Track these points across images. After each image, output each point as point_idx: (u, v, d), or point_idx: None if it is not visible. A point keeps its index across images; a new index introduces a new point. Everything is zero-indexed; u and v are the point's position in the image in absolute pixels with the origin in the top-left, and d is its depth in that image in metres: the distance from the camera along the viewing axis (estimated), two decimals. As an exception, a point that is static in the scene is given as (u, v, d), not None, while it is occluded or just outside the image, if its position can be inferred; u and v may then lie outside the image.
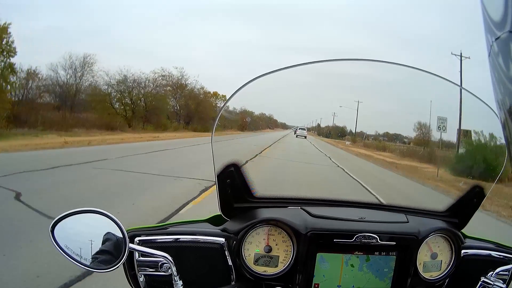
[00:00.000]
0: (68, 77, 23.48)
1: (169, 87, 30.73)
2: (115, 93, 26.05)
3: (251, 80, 0.83)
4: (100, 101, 24.23)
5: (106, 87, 25.57)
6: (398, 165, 8.94)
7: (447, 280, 1.01)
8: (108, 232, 0.75)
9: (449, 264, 1.01)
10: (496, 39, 0.40)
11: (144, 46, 49.50)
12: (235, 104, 1.04)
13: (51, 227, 0.72)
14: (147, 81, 27.80)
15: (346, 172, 8.39)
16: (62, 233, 0.73)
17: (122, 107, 26.24)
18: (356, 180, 7.65)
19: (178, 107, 32.13)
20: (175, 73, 31.38)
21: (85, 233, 0.74)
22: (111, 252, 0.74)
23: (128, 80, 26.14)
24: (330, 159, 9.62)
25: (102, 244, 0.74)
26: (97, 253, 0.74)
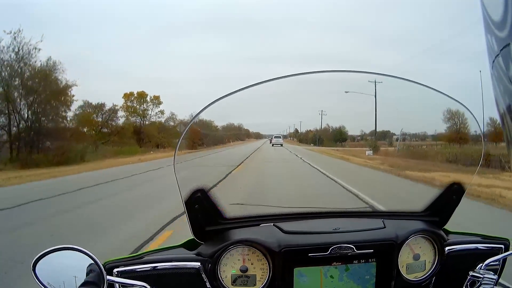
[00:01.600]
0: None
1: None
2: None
3: (216, 100, 0.86)
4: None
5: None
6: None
7: (433, 279, 1.03)
8: (91, 263, 0.77)
9: (433, 263, 1.03)
10: (496, 39, 0.42)
11: (117, 67, 48.22)
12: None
13: (32, 265, 0.74)
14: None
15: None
16: (44, 270, 0.75)
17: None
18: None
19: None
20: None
21: (67, 268, 0.76)
22: (95, 282, 0.76)
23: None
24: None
25: (86, 275, 0.77)
26: (81, 285, 0.76)
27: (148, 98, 29.58)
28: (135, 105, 29.48)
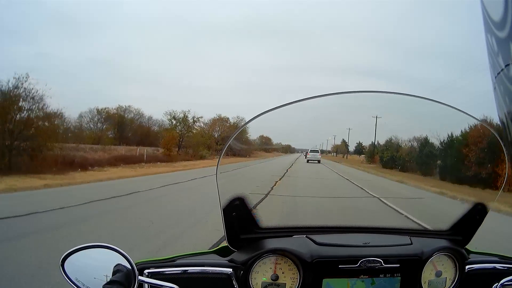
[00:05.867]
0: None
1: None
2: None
3: (255, 117, 0.92)
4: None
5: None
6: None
7: None
8: (118, 264, 0.82)
9: (454, 281, 1.09)
10: (496, 39, 0.43)
11: (151, 76, 51.35)
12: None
13: (61, 260, 0.80)
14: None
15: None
16: (72, 266, 0.80)
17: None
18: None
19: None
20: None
21: (95, 266, 0.82)
22: (122, 282, 0.80)
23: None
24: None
25: (112, 275, 0.81)
26: (107, 283, 0.80)
27: (190, 119, 33.46)
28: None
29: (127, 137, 35.13)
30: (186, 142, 31.69)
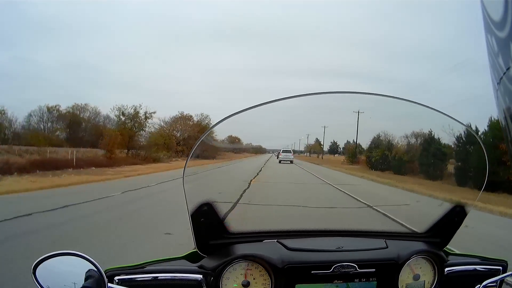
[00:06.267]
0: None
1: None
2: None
3: (226, 117, 0.97)
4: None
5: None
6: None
7: None
8: (90, 269, 0.86)
9: (433, 284, 1.13)
10: (496, 39, 0.45)
11: (128, 80, 50.32)
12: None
13: (33, 268, 0.83)
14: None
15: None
16: (44, 274, 0.83)
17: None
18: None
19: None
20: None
21: (67, 272, 0.85)
22: None
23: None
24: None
25: (84, 281, 0.85)
26: None
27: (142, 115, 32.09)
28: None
29: (80, 138, 33.58)
30: (137, 142, 30.20)
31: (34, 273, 0.82)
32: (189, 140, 35.60)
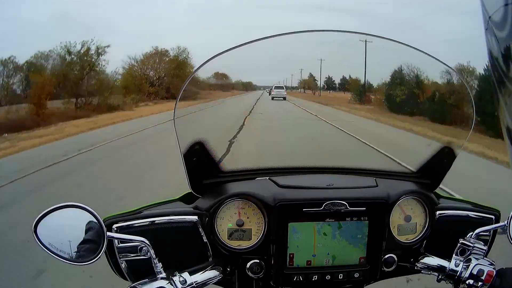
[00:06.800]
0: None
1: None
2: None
3: (214, 56, 0.97)
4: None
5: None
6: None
7: (424, 242, 1.18)
8: (90, 221, 0.90)
9: (424, 227, 1.17)
10: (496, 38, 0.46)
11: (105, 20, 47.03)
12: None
13: (34, 226, 0.85)
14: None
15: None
16: (44, 230, 0.86)
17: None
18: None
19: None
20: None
21: (67, 227, 0.89)
22: (94, 240, 0.89)
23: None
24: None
25: (85, 234, 0.89)
26: (81, 243, 0.89)
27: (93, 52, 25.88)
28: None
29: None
30: (90, 87, 24.36)
31: (35, 231, 0.85)
32: (165, 79, 32.07)
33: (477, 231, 1.10)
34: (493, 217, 1.22)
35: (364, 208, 1.07)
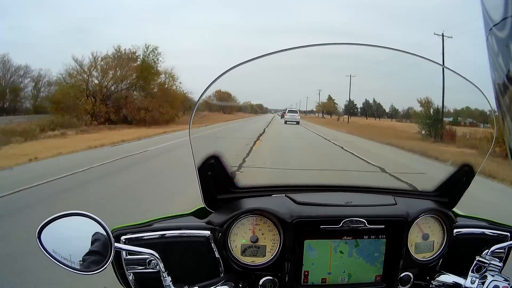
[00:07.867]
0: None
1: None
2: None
3: (227, 71, 0.95)
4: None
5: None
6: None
7: (440, 260, 1.17)
8: (96, 233, 0.88)
9: (442, 244, 1.16)
10: (496, 38, 0.46)
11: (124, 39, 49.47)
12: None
13: (38, 232, 0.85)
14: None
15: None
16: (49, 237, 0.85)
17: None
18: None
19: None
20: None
21: (73, 236, 0.88)
22: (100, 252, 0.88)
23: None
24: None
25: (91, 245, 0.88)
26: (86, 254, 0.88)
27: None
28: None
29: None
30: None
31: (39, 237, 0.85)
32: (121, 92, 25.15)
33: (492, 248, 1.12)
34: (508, 234, 1.21)
35: (383, 226, 1.06)
